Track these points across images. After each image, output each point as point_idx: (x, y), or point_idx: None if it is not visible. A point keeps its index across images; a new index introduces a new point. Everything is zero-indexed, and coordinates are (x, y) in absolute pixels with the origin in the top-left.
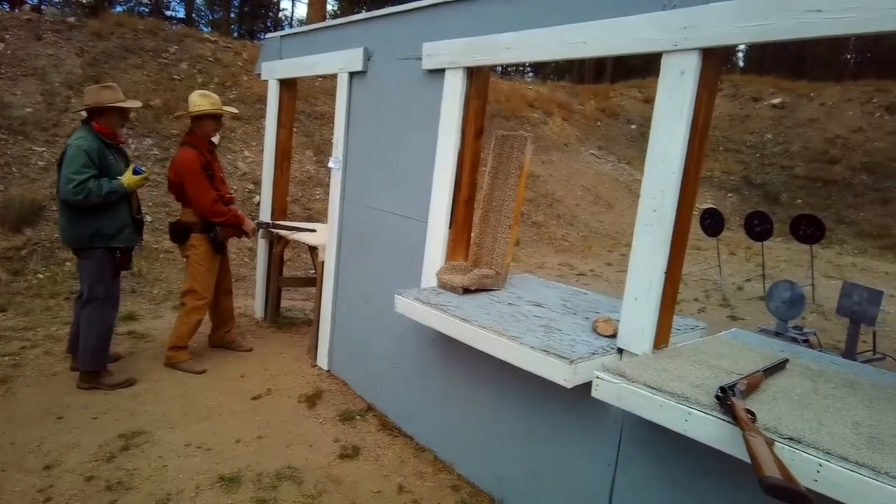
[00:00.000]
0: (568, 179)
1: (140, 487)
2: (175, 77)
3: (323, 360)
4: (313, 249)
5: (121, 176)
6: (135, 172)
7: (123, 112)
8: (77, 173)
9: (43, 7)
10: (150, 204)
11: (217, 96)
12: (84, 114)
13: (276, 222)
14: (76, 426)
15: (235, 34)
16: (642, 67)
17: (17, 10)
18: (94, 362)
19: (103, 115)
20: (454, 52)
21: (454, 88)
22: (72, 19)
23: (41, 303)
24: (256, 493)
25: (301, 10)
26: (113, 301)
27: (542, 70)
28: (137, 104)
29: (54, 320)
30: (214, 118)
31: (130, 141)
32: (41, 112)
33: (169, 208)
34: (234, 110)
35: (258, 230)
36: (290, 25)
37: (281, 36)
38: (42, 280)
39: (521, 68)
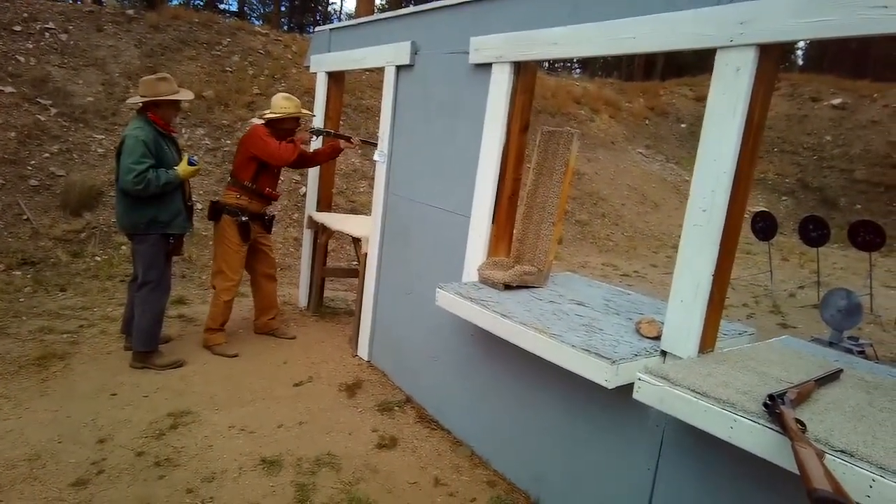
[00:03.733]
0: (614, 178)
1: (187, 465)
2: (227, 69)
3: (363, 351)
4: (357, 241)
5: (175, 165)
6: (189, 163)
7: (178, 103)
8: (137, 163)
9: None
10: (201, 192)
11: (297, 99)
12: (138, 103)
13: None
14: (128, 403)
15: (285, 28)
16: (694, 65)
17: (79, 2)
18: (147, 343)
19: (160, 107)
20: (501, 46)
21: (501, 83)
22: (131, 12)
23: (98, 284)
24: (296, 477)
25: (350, 4)
26: (165, 285)
27: (590, 66)
28: (191, 95)
29: (110, 301)
30: (297, 119)
31: (183, 130)
32: (101, 101)
33: (219, 197)
34: (314, 114)
35: (313, 137)
36: (339, 19)
37: (330, 29)
38: (99, 262)
39: (569, 64)
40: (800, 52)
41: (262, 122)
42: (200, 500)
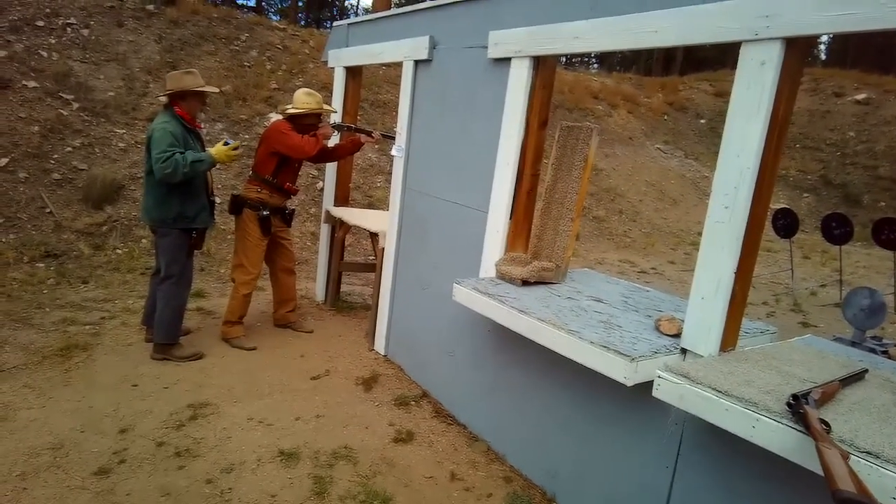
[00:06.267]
0: (632, 174)
1: (206, 456)
2: (245, 64)
3: (380, 345)
4: (374, 236)
5: None
6: (224, 145)
7: (203, 96)
8: (164, 152)
9: None
10: (220, 186)
11: (319, 95)
12: (164, 99)
13: (348, 125)
14: (149, 394)
15: (303, 23)
16: (715, 59)
17: None
18: (167, 335)
19: (185, 100)
20: (521, 40)
21: (520, 78)
22: (151, 7)
23: (119, 276)
24: (314, 469)
25: None
26: (187, 279)
27: (608, 61)
28: (216, 90)
29: (131, 293)
30: (318, 115)
31: (203, 125)
32: (122, 96)
33: (238, 192)
34: (335, 110)
35: (336, 132)
36: (356, 14)
37: (348, 24)
38: (120, 255)
39: (586, 59)
40: (822, 47)
41: (283, 117)
42: (219, 491)
